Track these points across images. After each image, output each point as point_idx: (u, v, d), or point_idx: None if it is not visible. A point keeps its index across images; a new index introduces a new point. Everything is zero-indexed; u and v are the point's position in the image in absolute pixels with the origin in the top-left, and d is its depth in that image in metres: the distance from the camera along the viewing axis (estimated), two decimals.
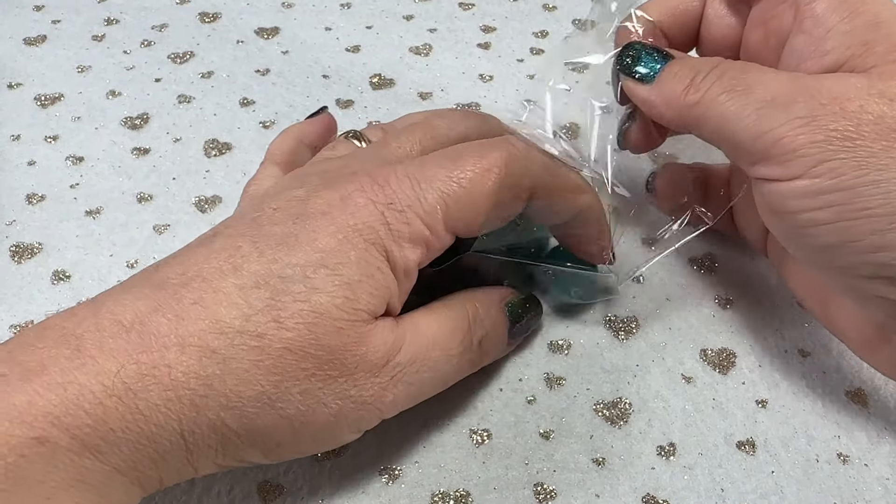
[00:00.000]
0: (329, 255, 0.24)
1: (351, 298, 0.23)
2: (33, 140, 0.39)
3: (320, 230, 0.24)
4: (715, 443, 0.28)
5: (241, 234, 0.24)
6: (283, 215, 0.24)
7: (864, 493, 0.27)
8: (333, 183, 0.25)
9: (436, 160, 0.26)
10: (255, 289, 0.23)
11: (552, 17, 0.46)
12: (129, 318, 0.22)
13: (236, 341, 0.22)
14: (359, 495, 0.27)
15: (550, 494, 0.27)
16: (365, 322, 0.24)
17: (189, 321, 0.22)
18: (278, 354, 0.22)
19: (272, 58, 0.43)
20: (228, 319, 0.22)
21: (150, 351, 0.21)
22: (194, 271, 0.23)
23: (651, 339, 0.31)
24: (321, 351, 0.23)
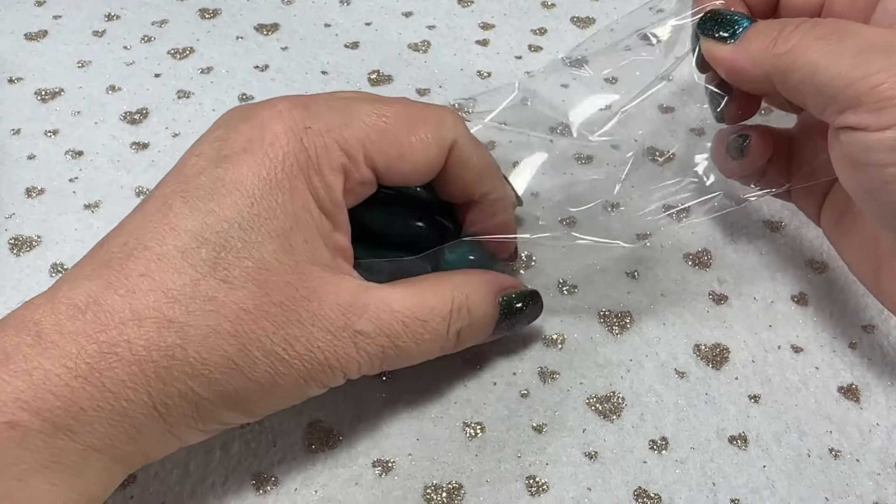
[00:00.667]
0: (257, 202, 0.23)
1: (288, 249, 0.23)
2: (33, 134, 0.39)
3: (245, 171, 0.23)
4: (707, 437, 0.28)
5: (172, 190, 0.24)
6: (205, 161, 0.24)
7: (856, 487, 0.27)
8: (252, 115, 0.25)
9: (362, 97, 0.26)
10: (196, 249, 0.23)
11: (551, 15, 0.46)
12: (83, 300, 0.22)
13: (191, 307, 0.22)
14: (352, 487, 0.27)
15: (543, 487, 0.27)
16: (311, 274, 0.24)
17: (140, 294, 0.22)
18: (235, 316, 0.22)
19: (271, 54, 0.43)
20: (179, 286, 0.22)
21: (107, 329, 0.22)
22: (134, 240, 0.23)
23: (645, 334, 0.31)
24: (275, 308, 0.23)
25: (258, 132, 0.24)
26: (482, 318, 0.28)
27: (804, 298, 0.33)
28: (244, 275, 0.23)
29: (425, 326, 0.26)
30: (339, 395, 0.29)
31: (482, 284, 0.28)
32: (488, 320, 0.28)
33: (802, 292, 0.33)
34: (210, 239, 0.23)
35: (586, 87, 0.35)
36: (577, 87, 0.35)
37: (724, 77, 0.29)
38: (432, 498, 0.27)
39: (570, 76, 0.36)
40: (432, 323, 0.26)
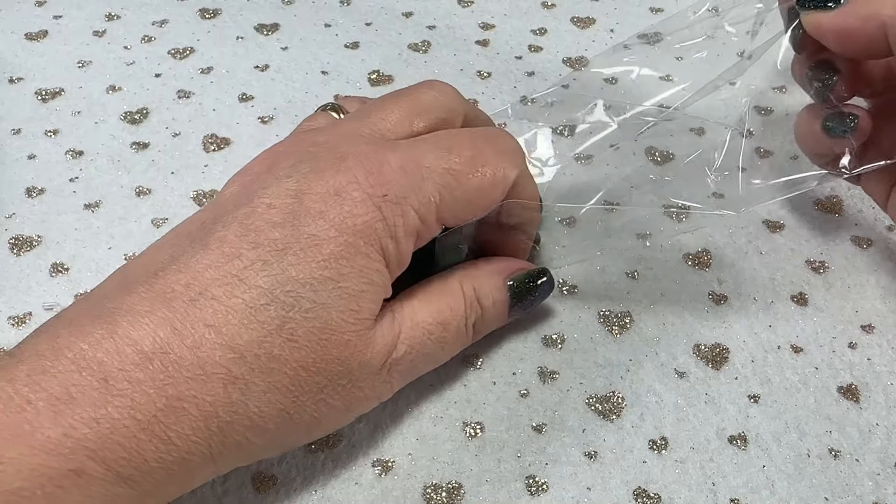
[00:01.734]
0: (332, 265, 0.24)
1: (356, 310, 0.24)
2: (33, 134, 0.39)
3: (321, 235, 0.24)
4: (707, 437, 0.28)
5: (239, 235, 0.24)
6: (279, 215, 0.24)
7: (855, 487, 0.27)
8: (324, 172, 0.25)
9: (429, 148, 0.26)
10: (265, 306, 0.23)
11: (550, 15, 0.46)
12: (149, 346, 0.22)
13: (254, 365, 0.22)
14: (352, 487, 0.27)
15: (542, 487, 0.27)
16: (368, 329, 0.24)
17: (208, 348, 0.22)
18: (293, 373, 0.23)
19: (271, 54, 0.43)
20: (244, 343, 0.22)
21: (176, 383, 0.21)
22: (200, 285, 0.23)
23: (644, 334, 0.31)
24: (332, 364, 0.24)
25: (335, 199, 0.24)
26: (493, 306, 0.28)
27: (804, 298, 0.33)
28: (309, 335, 0.23)
29: (447, 328, 0.27)
30: None
31: (489, 274, 0.28)
32: (500, 307, 0.28)
33: (802, 292, 0.33)
34: (280, 298, 0.23)
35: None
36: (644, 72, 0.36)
37: (832, 46, 0.28)
38: (432, 498, 0.27)
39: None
40: (453, 324, 0.27)
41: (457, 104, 0.29)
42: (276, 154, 0.27)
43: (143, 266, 0.24)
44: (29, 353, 0.21)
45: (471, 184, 0.26)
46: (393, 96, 0.29)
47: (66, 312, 0.23)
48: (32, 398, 0.20)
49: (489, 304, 0.28)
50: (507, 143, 0.28)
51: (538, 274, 0.29)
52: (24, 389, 0.20)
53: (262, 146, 0.34)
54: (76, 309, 0.23)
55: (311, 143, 0.27)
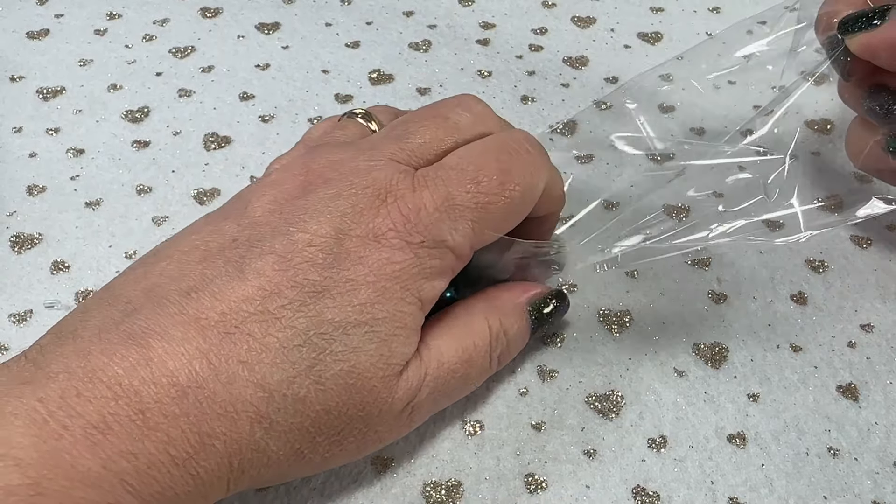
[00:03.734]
0: (366, 310, 0.24)
1: (386, 356, 0.24)
2: (35, 132, 0.39)
3: (358, 280, 0.24)
4: (706, 436, 0.28)
5: (277, 271, 0.23)
6: (319, 255, 0.24)
7: (854, 486, 0.27)
8: (364, 213, 0.25)
9: (457, 180, 0.26)
10: (298, 347, 0.23)
11: (551, 14, 0.46)
12: (184, 379, 0.21)
13: (280, 405, 0.23)
14: (350, 485, 0.27)
15: (541, 485, 0.27)
16: (395, 375, 0.24)
17: (240, 385, 0.22)
18: (315, 416, 0.23)
19: (272, 52, 0.43)
20: (274, 382, 0.22)
21: (208, 419, 0.21)
22: (237, 318, 0.22)
23: (644, 333, 0.31)
24: (354, 409, 0.24)
25: (374, 244, 0.24)
26: (518, 335, 0.28)
27: (803, 298, 0.33)
28: (336, 378, 0.23)
29: (472, 366, 0.27)
30: None
31: (511, 303, 0.28)
32: (523, 334, 0.29)
33: (801, 292, 0.33)
34: (313, 340, 0.23)
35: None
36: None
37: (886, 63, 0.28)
38: (431, 495, 0.27)
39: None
40: (477, 360, 0.27)
41: (492, 125, 0.29)
42: (312, 172, 0.26)
43: (173, 280, 0.23)
44: (58, 369, 0.21)
45: (502, 208, 0.26)
46: (430, 115, 0.28)
47: (91, 318, 0.23)
48: (69, 424, 0.20)
49: (514, 333, 0.28)
50: (530, 150, 0.28)
51: (555, 296, 0.30)
52: (58, 413, 0.20)
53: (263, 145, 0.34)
54: (102, 317, 0.23)
55: (350, 169, 0.26)
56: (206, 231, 0.25)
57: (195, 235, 0.25)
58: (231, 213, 0.26)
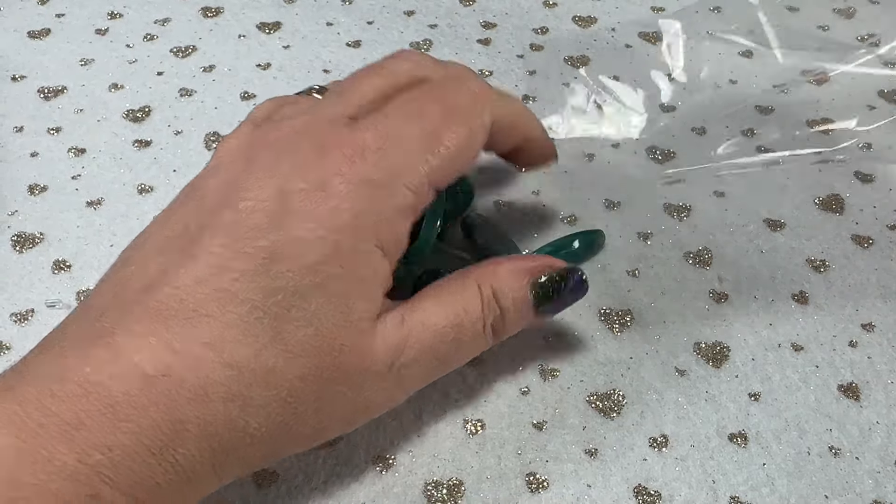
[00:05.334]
0: (319, 269, 0.23)
1: (345, 313, 0.23)
2: (36, 132, 0.39)
3: (307, 238, 0.23)
4: (707, 435, 0.28)
5: (224, 245, 0.23)
6: (262, 219, 0.23)
7: (855, 486, 0.27)
8: (306, 167, 0.24)
9: (399, 118, 0.25)
10: (259, 319, 0.22)
11: (552, 14, 0.46)
12: (151, 368, 0.21)
13: (251, 380, 0.22)
14: (352, 484, 0.27)
15: (543, 484, 0.27)
16: (365, 331, 0.24)
17: (207, 367, 0.22)
18: (290, 385, 0.23)
19: (273, 52, 0.43)
20: (241, 359, 0.22)
21: (179, 406, 0.21)
22: (194, 301, 0.22)
23: (645, 332, 0.31)
24: (328, 372, 0.23)
25: (320, 195, 0.24)
26: (513, 306, 0.27)
27: (804, 297, 0.33)
28: (302, 343, 0.23)
29: (462, 330, 0.26)
30: None
31: (509, 272, 0.27)
32: (522, 308, 0.27)
33: (803, 291, 0.33)
34: (272, 309, 0.23)
35: None
36: None
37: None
38: (433, 494, 0.27)
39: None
40: (468, 325, 0.26)
41: (432, 70, 0.28)
42: (255, 148, 0.26)
43: (136, 279, 0.23)
44: (34, 375, 0.21)
45: (452, 141, 0.26)
46: (369, 71, 0.28)
47: (69, 328, 0.23)
48: (45, 423, 0.20)
49: (508, 304, 0.26)
50: (471, 84, 0.27)
51: (566, 273, 0.27)
52: (35, 413, 0.20)
53: None
54: (77, 324, 0.23)
55: (289, 130, 0.26)
56: (161, 225, 0.25)
57: (153, 231, 0.25)
58: (184, 201, 0.26)
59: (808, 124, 0.40)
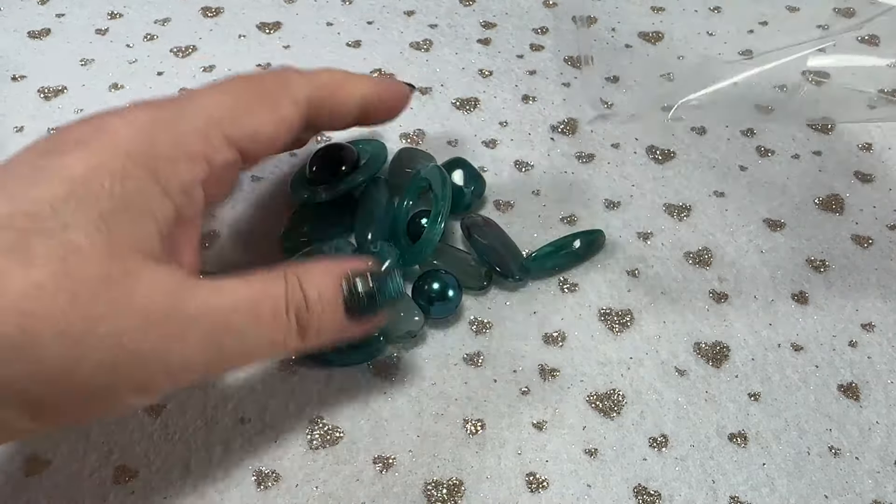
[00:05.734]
0: (80, 184, 0.21)
1: (106, 231, 0.21)
2: (36, 132, 0.39)
3: (72, 159, 0.22)
4: (707, 435, 0.28)
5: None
6: (32, 154, 0.22)
7: (855, 486, 0.27)
8: (94, 117, 0.23)
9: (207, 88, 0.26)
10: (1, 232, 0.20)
11: (552, 14, 0.46)
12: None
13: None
14: (353, 483, 0.27)
15: (543, 484, 0.27)
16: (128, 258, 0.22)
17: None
18: (23, 292, 0.20)
19: (273, 52, 0.43)
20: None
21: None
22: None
23: (645, 333, 0.31)
24: (77, 285, 0.20)
25: (95, 128, 0.23)
26: (320, 301, 0.25)
27: (804, 297, 0.33)
28: (46, 254, 0.20)
29: (260, 306, 0.24)
30: (340, 393, 0.29)
31: (322, 268, 0.26)
32: (329, 305, 0.25)
33: (802, 291, 0.33)
34: (17, 224, 0.21)
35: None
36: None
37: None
38: (433, 494, 0.27)
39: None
40: (267, 303, 0.24)
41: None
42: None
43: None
44: None
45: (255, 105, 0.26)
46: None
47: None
48: None
49: (315, 296, 0.25)
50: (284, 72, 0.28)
51: (375, 275, 0.26)
52: None
53: None
54: None
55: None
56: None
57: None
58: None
59: (808, 124, 0.40)
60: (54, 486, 0.27)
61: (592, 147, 0.38)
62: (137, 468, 0.27)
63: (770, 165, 0.38)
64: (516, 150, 0.38)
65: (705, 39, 0.44)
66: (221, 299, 0.23)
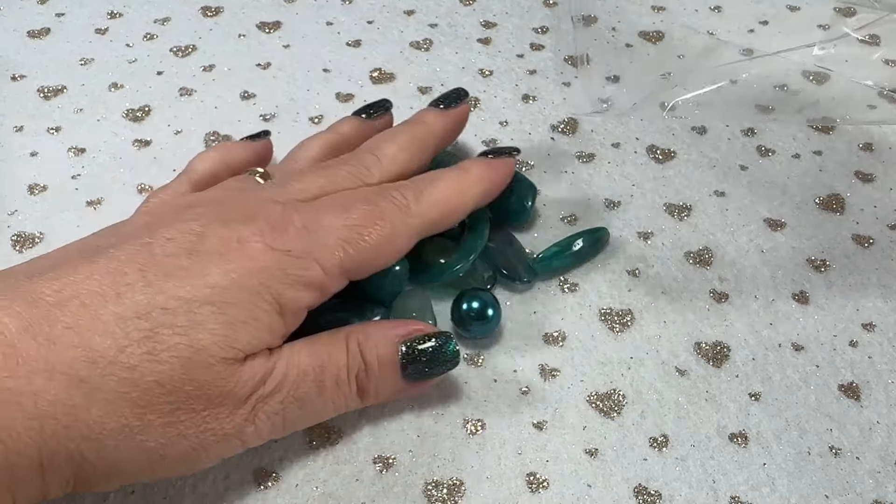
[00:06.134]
0: (217, 292, 0.24)
1: (231, 338, 0.24)
2: (36, 131, 0.39)
3: (212, 267, 0.24)
4: (707, 435, 0.28)
5: (129, 259, 0.24)
6: (175, 247, 0.24)
7: (856, 485, 0.27)
8: (231, 223, 0.25)
9: (328, 207, 0.27)
10: (135, 319, 0.22)
11: (552, 13, 0.46)
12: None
13: (107, 371, 0.22)
14: (353, 483, 0.27)
15: (543, 484, 0.27)
16: (238, 359, 0.24)
17: (61, 347, 0.21)
18: (147, 387, 0.22)
19: (273, 51, 0.43)
20: (102, 349, 0.22)
21: (16, 376, 0.21)
22: (72, 291, 0.22)
23: (646, 332, 0.31)
24: (189, 385, 0.23)
25: (236, 245, 0.25)
26: (378, 362, 0.27)
27: (805, 297, 0.33)
28: (172, 350, 0.23)
29: (325, 374, 0.26)
30: None
31: (380, 329, 0.28)
32: (387, 365, 0.27)
33: (803, 290, 0.33)
34: (153, 315, 0.23)
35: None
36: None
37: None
38: (433, 494, 0.27)
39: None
40: (331, 370, 0.26)
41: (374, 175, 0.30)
42: (186, 200, 0.28)
43: (23, 271, 0.23)
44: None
45: (372, 237, 0.27)
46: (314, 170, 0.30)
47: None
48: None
49: (373, 358, 0.27)
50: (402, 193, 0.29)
51: (432, 337, 0.27)
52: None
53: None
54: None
55: (223, 195, 0.28)
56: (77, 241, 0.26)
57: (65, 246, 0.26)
58: (104, 231, 0.27)
59: (808, 124, 0.40)
60: None
61: (592, 147, 0.38)
62: None
63: (770, 165, 0.38)
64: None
65: (706, 39, 0.44)
66: (291, 371, 0.25)
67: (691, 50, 0.43)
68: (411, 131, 0.32)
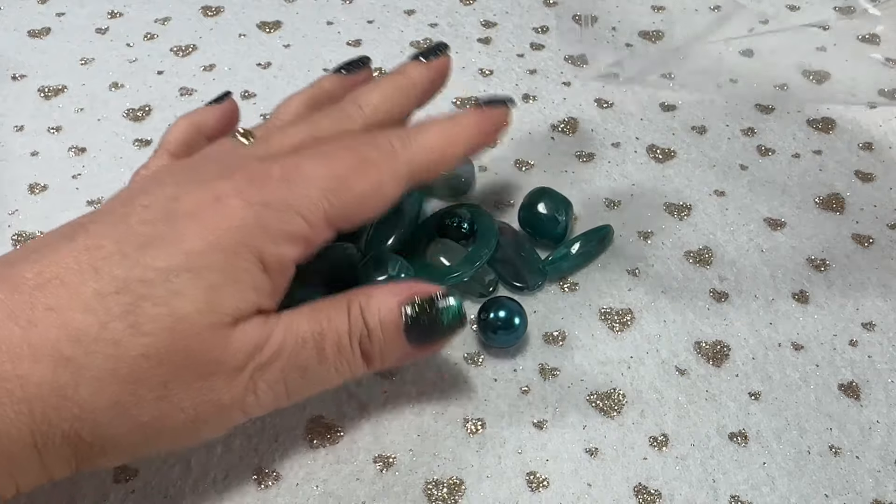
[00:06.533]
0: (194, 257, 0.23)
1: (213, 303, 0.23)
2: (36, 131, 0.39)
3: (188, 232, 0.23)
4: (707, 434, 0.28)
5: (106, 232, 0.23)
6: (151, 214, 0.24)
7: (855, 485, 0.27)
8: (207, 182, 0.25)
9: (310, 155, 0.26)
10: (115, 294, 0.22)
11: (552, 13, 0.46)
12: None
13: (91, 348, 0.21)
14: (353, 482, 0.27)
15: (543, 483, 0.27)
16: (228, 325, 0.23)
17: (43, 328, 0.21)
18: (134, 362, 0.22)
19: (273, 51, 0.43)
20: (84, 326, 0.22)
21: (0, 363, 0.21)
22: (52, 272, 0.22)
23: (646, 332, 0.31)
24: (178, 356, 0.22)
25: (213, 204, 0.24)
26: (380, 326, 0.26)
27: (804, 296, 0.33)
28: (155, 321, 0.22)
29: (325, 340, 0.25)
30: (340, 392, 0.29)
31: (382, 293, 0.26)
32: (390, 329, 0.26)
33: (803, 290, 0.33)
34: (132, 288, 0.22)
35: None
36: None
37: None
38: (433, 493, 0.27)
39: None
40: (331, 336, 0.25)
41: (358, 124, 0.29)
42: (167, 166, 0.28)
43: (6, 259, 0.23)
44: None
45: (357, 185, 0.26)
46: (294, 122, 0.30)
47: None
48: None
49: (375, 322, 0.25)
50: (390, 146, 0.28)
51: (439, 298, 0.26)
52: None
53: None
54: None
55: (200, 157, 0.27)
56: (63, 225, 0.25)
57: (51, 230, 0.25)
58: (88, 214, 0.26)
59: (808, 124, 0.40)
60: (54, 485, 0.27)
61: (592, 146, 0.38)
62: (138, 467, 0.27)
63: (770, 164, 0.38)
64: (516, 150, 0.38)
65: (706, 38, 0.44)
66: (289, 337, 0.24)
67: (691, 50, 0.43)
68: (393, 82, 0.31)
